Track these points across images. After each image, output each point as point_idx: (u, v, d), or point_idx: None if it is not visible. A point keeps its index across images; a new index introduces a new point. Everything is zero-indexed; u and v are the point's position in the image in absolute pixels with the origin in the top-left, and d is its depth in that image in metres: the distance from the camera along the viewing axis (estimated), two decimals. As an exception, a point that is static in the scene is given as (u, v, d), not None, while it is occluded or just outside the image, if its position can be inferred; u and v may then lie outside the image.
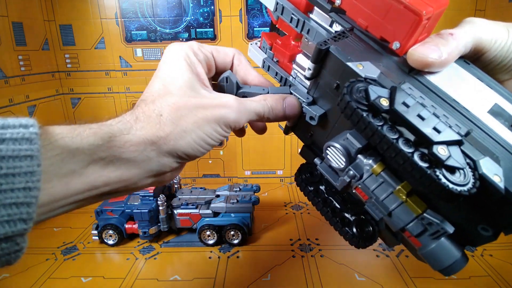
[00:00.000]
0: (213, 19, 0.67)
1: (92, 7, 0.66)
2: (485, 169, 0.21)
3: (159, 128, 0.26)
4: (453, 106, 0.25)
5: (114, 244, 0.53)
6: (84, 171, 0.23)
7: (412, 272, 0.45)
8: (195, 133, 0.27)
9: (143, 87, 0.74)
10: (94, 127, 0.24)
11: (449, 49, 0.26)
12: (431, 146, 0.21)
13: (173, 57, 0.30)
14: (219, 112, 0.28)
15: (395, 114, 0.22)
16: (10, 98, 0.57)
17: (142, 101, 0.28)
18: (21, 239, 0.20)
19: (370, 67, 0.25)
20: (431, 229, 0.23)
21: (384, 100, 0.23)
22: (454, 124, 0.23)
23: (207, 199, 0.55)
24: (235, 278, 0.45)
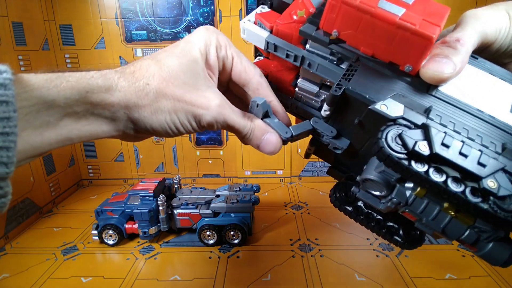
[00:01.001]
0: (213, 19, 0.67)
1: (92, 7, 0.66)
2: None
3: (139, 96, 0.26)
4: (480, 117, 0.25)
5: (114, 244, 0.53)
6: (59, 123, 0.24)
7: (412, 272, 0.45)
8: (169, 115, 0.28)
9: (143, 87, 0.71)
10: (72, 79, 0.24)
11: (461, 58, 0.25)
12: (480, 181, 0.21)
13: (199, 37, 0.30)
14: (197, 111, 0.28)
15: (438, 157, 0.22)
16: (10, 98, 0.57)
17: (142, 59, 0.28)
18: (4, 183, 0.20)
19: (393, 104, 0.25)
20: (484, 235, 0.23)
21: (423, 145, 0.22)
22: (489, 143, 0.24)
23: (207, 199, 0.55)
24: (235, 278, 0.45)
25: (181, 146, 0.76)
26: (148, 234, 0.52)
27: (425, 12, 0.24)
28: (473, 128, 0.24)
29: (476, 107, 0.25)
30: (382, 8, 0.23)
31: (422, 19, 0.23)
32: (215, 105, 0.28)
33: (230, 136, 0.75)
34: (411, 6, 0.24)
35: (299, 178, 0.77)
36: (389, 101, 0.25)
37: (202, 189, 0.59)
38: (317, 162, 0.76)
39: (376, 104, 0.25)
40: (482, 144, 0.23)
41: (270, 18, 0.32)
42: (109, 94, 0.25)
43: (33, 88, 0.22)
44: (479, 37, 0.27)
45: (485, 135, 0.24)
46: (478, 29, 0.27)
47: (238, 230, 0.51)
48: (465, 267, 0.46)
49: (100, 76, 0.25)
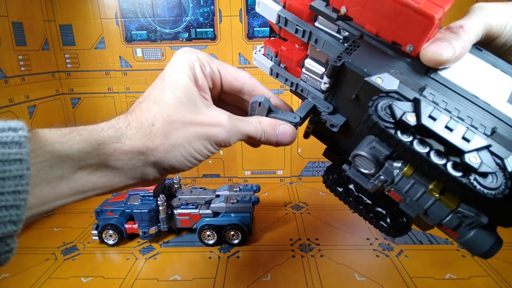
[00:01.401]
0: (213, 19, 0.67)
1: (92, 7, 0.66)
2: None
3: (149, 138, 0.27)
4: (475, 103, 0.26)
5: (114, 244, 0.53)
6: (72, 177, 0.24)
7: (412, 272, 0.45)
8: (184, 148, 0.28)
9: (143, 87, 0.74)
10: (84, 133, 0.24)
11: (462, 43, 0.25)
12: (462, 156, 0.22)
13: (180, 63, 0.30)
14: (210, 131, 0.28)
15: (423, 129, 0.22)
16: (10, 98, 0.57)
17: (139, 104, 0.28)
18: (11, 240, 0.20)
19: (389, 78, 0.25)
20: (467, 221, 0.23)
21: (410, 116, 0.23)
22: (479, 125, 0.24)
23: (207, 199, 0.55)
24: (235, 278, 0.45)
25: (181, 146, 0.76)
26: (148, 234, 0.52)
27: None
28: (465, 110, 0.25)
29: (472, 92, 0.26)
30: None
31: (427, 0, 0.23)
32: (225, 120, 0.29)
33: (230, 136, 0.75)
34: None
35: (299, 178, 0.77)
36: (385, 75, 0.25)
37: (202, 189, 0.59)
38: (317, 162, 0.76)
39: (372, 77, 0.25)
40: (471, 125, 0.24)
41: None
42: (120, 144, 0.25)
43: (47, 143, 0.22)
44: (484, 28, 0.27)
45: (477, 118, 0.24)
46: (484, 20, 0.27)
47: (238, 230, 0.51)
48: (465, 267, 0.46)
49: (110, 127, 0.25)
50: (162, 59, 0.70)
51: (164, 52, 0.69)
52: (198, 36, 0.68)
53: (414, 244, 0.51)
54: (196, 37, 0.68)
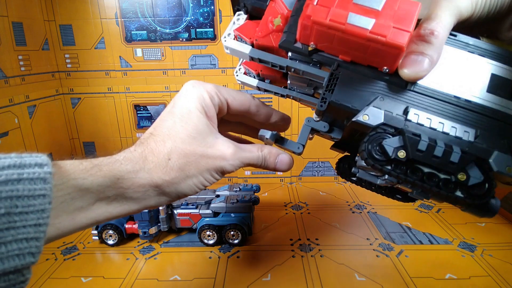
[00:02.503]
0: (213, 19, 0.67)
1: (92, 7, 0.66)
2: (497, 166, 0.26)
3: (165, 172, 0.29)
4: (456, 104, 0.27)
5: (114, 244, 0.53)
6: (91, 208, 0.26)
7: (412, 272, 0.45)
8: (196, 178, 0.31)
9: (143, 87, 0.74)
10: (105, 168, 0.26)
11: (436, 50, 0.26)
12: (451, 176, 0.26)
13: (190, 97, 0.33)
14: (219, 164, 0.31)
15: (414, 162, 0.26)
16: (10, 98, 0.57)
17: (152, 136, 0.31)
18: (27, 270, 0.21)
19: (374, 113, 0.27)
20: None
21: (401, 152, 0.26)
22: (463, 132, 0.27)
23: (207, 199, 0.55)
24: (235, 278, 0.45)
25: (181, 146, 0.76)
26: (148, 234, 0.52)
27: (395, 17, 0.25)
28: (448, 118, 0.27)
29: (453, 94, 0.27)
30: (352, 24, 0.24)
31: (392, 27, 0.24)
32: (231, 154, 0.32)
33: (230, 136, 0.75)
34: (381, 13, 0.25)
35: (299, 178, 0.77)
36: (370, 110, 0.27)
37: None
38: (317, 162, 0.76)
39: (359, 115, 0.27)
40: (456, 136, 0.26)
41: (249, 31, 0.33)
42: (138, 178, 0.28)
43: (70, 179, 0.24)
44: (454, 19, 0.27)
45: (460, 123, 0.27)
46: (452, 11, 0.26)
47: (238, 230, 0.51)
48: (465, 267, 0.46)
49: (127, 160, 0.28)
50: (162, 59, 0.70)
51: (164, 52, 0.69)
52: (198, 36, 0.68)
53: (414, 244, 0.51)
54: (196, 37, 0.68)
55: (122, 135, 0.75)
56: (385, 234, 0.54)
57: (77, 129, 0.75)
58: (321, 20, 0.25)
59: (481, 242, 0.52)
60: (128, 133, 0.75)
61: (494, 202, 0.27)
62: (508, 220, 0.58)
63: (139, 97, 0.72)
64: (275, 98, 0.72)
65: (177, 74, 0.71)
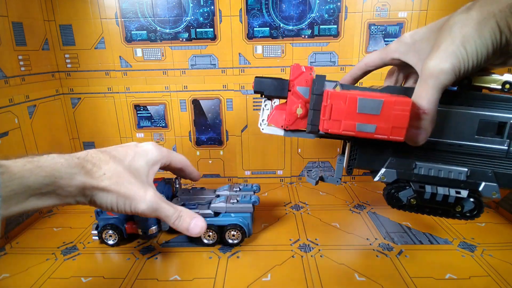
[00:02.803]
0: (213, 19, 0.67)
1: (92, 7, 0.66)
2: (485, 193, 0.37)
3: (99, 181, 0.36)
4: (451, 151, 0.37)
5: (114, 244, 0.53)
6: (25, 201, 0.31)
7: (412, 272, 0.45)
8: (114, 198, 0.37)
9: (143, 87, 0.74)
10: (46, 169, 0.31)
11: (429, 123, 0.33)
12: (450, 208, 0.39)
13: (148, 153, 0.44)
14: (136, 198, 0.38)
15: (424, 205, 0.40)
16: (10, 98, 0.57)
17: (100, 153, 0.38)
18: None
19: (389, 173, 0.39)
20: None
21: (412, 199, 0.39)
22: (458, 174, 0.37)
23: (207, 199, 0.55)
24: (235, 278, 0.45)
25: (181, 146, 0.76)
26: (148, 234, 0.52)
27: (391, 118, 0.32)
28: (446, 167, 0.38)
29: (450, 141, 0.37)
30: (360, 131, 0.34)
31: (391, 127, 0.33)
32: (151, 197, 0.39)
33: (230, 136, 0.75)
34: (380, 117, 0.33)
35: (299, 178, 0.78)
36: (386, 172, 0.39)
37: (203, 189, 0.59)
38: (317, 162, 0.76)
39: (377, 177, 0.40)
40: (452, 179, 0.37)
41: (278, 120, 0.43)
42: (72, 180, 0.33)
43: (15, 178, 0.29)
44: (440, 92, 0.33)
45: (456, 165, 0.38)
46: (437, 87, 0.32)
47: (239, 230, 0.51)
48: (465, 267, 0.46)
49: (68, 166, 0.33)
50: (162, 59, 0.70)
51: (164, 52, 0.69)
52: (198, 36, 0.68)
53: (414, 244, 0.51)
54: (196, 37, 0.68)
55: (122, 135, 0.75)
56: (385, 234, 0.54)
57: (77, 129, 0.75)
58: (337, 131, 0.34)
59: (481, 242, 0.52)
60: (128, 133, 0.75)
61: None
62: (508, 220, 0.58)
63: (139, 97, 0.72)
64: (275, 98, 0.72)
65: (177, 74, 0.71)
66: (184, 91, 0.72)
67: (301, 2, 0.66)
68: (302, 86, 0.40)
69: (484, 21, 0.30)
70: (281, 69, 0.70)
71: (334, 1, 0.66)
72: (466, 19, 0.31)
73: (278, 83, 0.41)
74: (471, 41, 0.30)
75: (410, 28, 0.66)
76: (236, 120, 0.74)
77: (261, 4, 0.66)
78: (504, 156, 0.36)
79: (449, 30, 0.32)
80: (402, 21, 0.66)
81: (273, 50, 0.69)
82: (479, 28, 0.30)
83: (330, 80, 0.38)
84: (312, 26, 0.67)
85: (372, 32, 0.67)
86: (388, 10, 0.66)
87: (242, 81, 0.71)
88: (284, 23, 0.67)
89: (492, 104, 0.35)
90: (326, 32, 0.68)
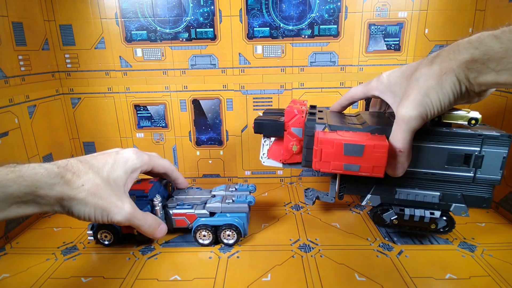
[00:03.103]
0: (213, 19, 0.67)
1: (92, 7, 0.66)
2: (455, 213, 0.47)
3: (77, 192, 0.37)
4: (426, 178, 0.45)
5: (109, 244, 0.52)
6: (7, 209, 0.33)
7: (412, 272, 0.45)
8: (92, 208, 0.39)
9: (143, 87, 0.74)
10: (28, 179, 0.33)
11: (405, 158, 0.41)
12: (426, 226, 0.49)
13: (128, 160, 0.46)
14: (113, 209, 0.40)
15: (404, 224, 0.49)
16: (10, 98, 0.57)
17: (79, 163, 0.40)
18: None
19: (374, 198, 0.48)
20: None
21: (395, 220, 0.48)
22: (431, 198, 0.46)
23: (203, 199, 0.55)
24: (235, 278, 0.45)
25: (181, 146, 0.76)
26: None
27: (372, 159, 0.39)
28: (422, 189, 0.46)
29: (424, 170, 0.44)
30: (346, 170, 0.41)
31: (372, 166, 0.40)
32: (128, 208, 0.42)
33: (230, 136, 0.75)
34: (363, 158, 0.39)
35: (299, 178, 0.78)
36: (371, 197, 0.48)
37: (198, 189, 0.59)
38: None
39: (364, 201, 0.48)
40: (427, 202, 0.46)
41: (277, 155, 0.51)
42: (51, 190, 0.35)
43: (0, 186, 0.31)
44: (412, 133, 0.39)
45: (430, 190, 0.46)
46: (409, 131, 0.39)
47: (234, 230, 0.51)
48: (465, 267, 0.46)
49: (47, 176, 0.35)
50: (162, 59, 0.70)
51: (164, 52, 0.69)
52: (198, 36, 0.68)
53: (414, 244, 0.51)
54: (196, 37, 0.68)
55: (122, 135, 0.75)
56: (385, 234, 0.54)
57: (77, 129, 0.75)
58: (327, 170, 0.42)
59: (481, 242, 0.52)
60: (128, 133, 0.75)
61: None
62: (508, 220, 0.58)
63: (139, 97, 0.72)
64: (274, 98, 0.72)
65: (177, 74, 0.71)
66: (184, 91, 0.72)
67: (301, 2, 0.66)
68: (296, 127, 0.47)
69: (444, 76, 0.36)
70: (281, 69, 0.70)
71: (334, 1, 0.66)
72: (429, 73, 0.37)
73: (275, 125, 0.48)
74: (434, 93, 0.36)
75: (411, 28, 0.66)
76: (236, 120, 0.74)
77: (261, 4, 0.66)
78: (471, 181, 0.43)
79: (416, 81, 0.38)
80: (402, 21, 0.66)
81: (273, 50, 0.69)
82: (440, 81, 0.36)
83: (319, 122, 0.45)
84: (312, 26, 0.67)
85: (372, 32, 0.67)
86: (388, 10, 0.66)
87: (242, 81, 0.71)
88: (284, 23, 0.67)
89: (458, 140, 0.42)
90: (326, 32, 0.68)
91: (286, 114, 0.47)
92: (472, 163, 0.42)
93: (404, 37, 0.67)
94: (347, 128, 0.44)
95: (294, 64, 0.70)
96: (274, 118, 0.50)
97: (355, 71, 0.70)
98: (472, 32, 0.64)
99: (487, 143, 0.41)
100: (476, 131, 0.42)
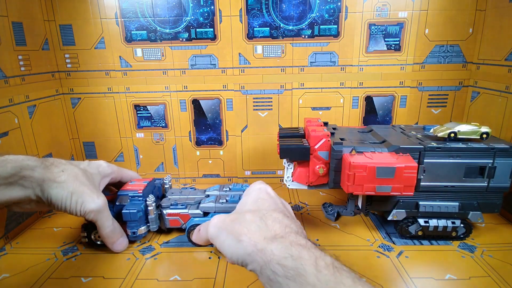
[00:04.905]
0: (213, 19, 0.67)
1: (92, 7, 0.66)
2: (472, 220, 0.50)
3: (57, 176, 0.42)
4: (446, 190, 0.48)
5: (102, 244, 0.52)
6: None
7: (412, 272, 0.45)
8: (68, 193, 0.42)
9: (143, 87, 0.74)
10: (11, 162, 0.39)
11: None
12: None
13: (102, 168, 0.52)
14: (87, 199, 0.44)
15: (428, 234, 0.52)
16: (10, 98, 0.57)
17: (60, 161, 0.45)
18: None
19: (399, 213, 0.50)
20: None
21: (420, 231, 0.51)
22: (452, 207, 0.49)
23: (197, 199, 0.55)
24: (235, 278, 0.45)
25: (181, 146, 0.76)
26: (137, 234, 0.51)
27: (403, 179, 0.42)
28: (443, 200, 0.49)
29: (444, 184, 0.48)
30: (379, 191, 0.44)
31: (403, 186, 0.43)
32: (101, 200, 0.45)
33: (230, 136, 0.75)
34: (394, 179, 0.42)
35: (299, 178, 0.77)
36: (397, 212, 0.50)
37: (192, 189, 0.59)
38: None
39: (390, 216, 0.51)
40: (447, 212, 0.49)
41: (302, 178, 0.51)
42: (34, 171, 0.40)
43: None
44: None
45: (449, 201, 0.49)
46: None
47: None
48: (465, 268, 0.46)
49: (30, 159, 0.41)
50: (162, 59, 0.70)
51: (164, 52, 0.69)
52: (198, 36, 0.68)
53: (414, 244, 0.51)
54: (196, 37, 0.68)
55: (122, 135, 0.75)
56: (385, 234, 0.54)
57: (77, 129, 0.75)
58: (360, 192, 0.44)
59: (481, 243, 0.52)
60: (128, 133, 0.75)
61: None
62: (508, 220, 0.58)
63: (139, 97, 0.72)
64: (274, 98, 0.72)
65: (177, 74, 0.71)
66: (184, 91, 0.72)
67: (301, 2, 0.66)
68: (323, 151, 0.48)
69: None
70: (281, 69, 0.70)
71: (334, 1, 0.66)
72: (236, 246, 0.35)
73: (302, 150, 0.48)
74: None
75: (411, 28, 0.66)
76: (236, 120, 0.74)
77: (261, 4, 0.66)
78: (485, 190, 0.47)
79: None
80: (402, 21, 0.66)
81: (273, 50, 0.69)
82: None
83: (346, 145, 0.47)
84: (312, 26, 0.67)
85: (373, 32, 0.67)
86: (389, 10, 0.66)
87: (242, 81, 0.71)
88: (284, 23, 0.67)
89: (474, 154, 0.46)
90: (326, 32, 0.68)
91: (312, 138, 0.48)
92: (486, 174, 0.46)
93: (404, 37, 0.67)
94: (372, 149, 0.46)
95: (294, 64, 0.70)
96: (297, 142, 0.50)
97: (355, 71, 0.70)
98: (472, 32, 0.64)
99: (499, 155, 0.45)
100: (489, 145, 0.46)
